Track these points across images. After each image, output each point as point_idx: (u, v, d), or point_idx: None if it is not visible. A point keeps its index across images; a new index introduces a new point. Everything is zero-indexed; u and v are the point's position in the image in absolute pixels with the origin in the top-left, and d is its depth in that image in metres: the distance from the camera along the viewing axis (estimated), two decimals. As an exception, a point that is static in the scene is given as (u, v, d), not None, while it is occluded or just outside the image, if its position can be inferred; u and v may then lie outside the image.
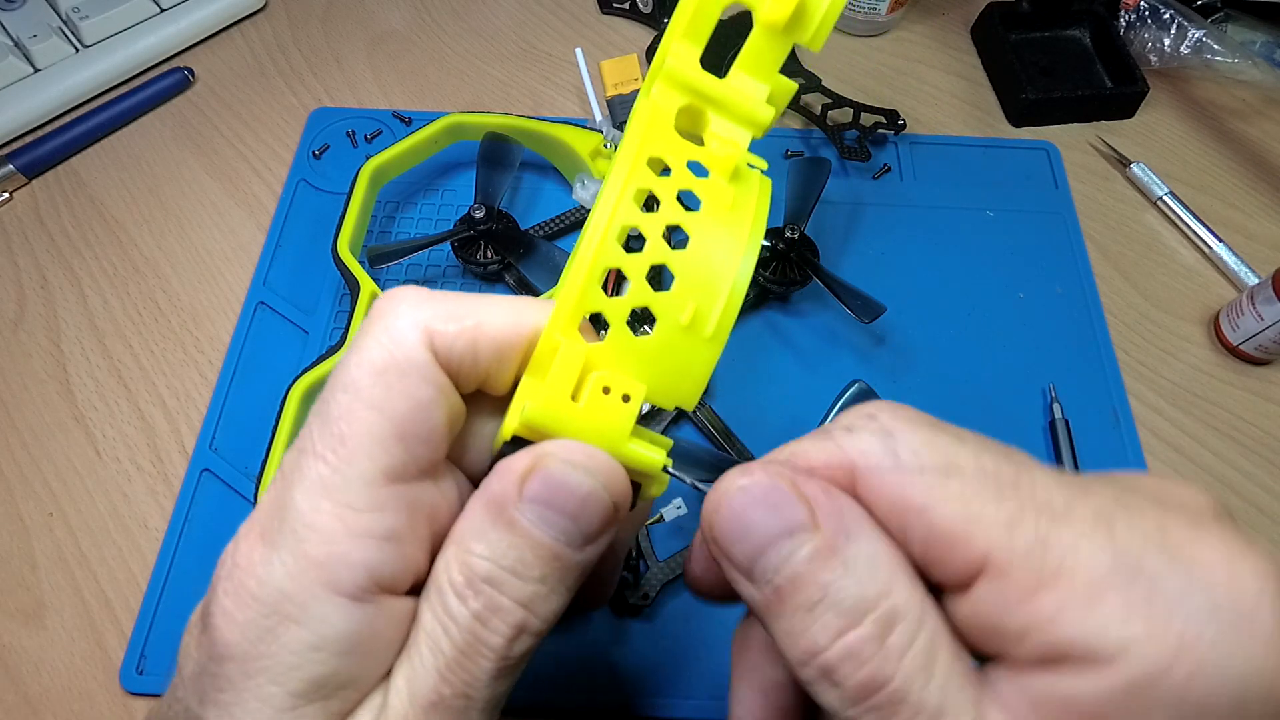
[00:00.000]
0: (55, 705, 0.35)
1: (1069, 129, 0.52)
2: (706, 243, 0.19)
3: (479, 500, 0.18)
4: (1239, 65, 0.52)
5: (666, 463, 0.20)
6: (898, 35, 0.57)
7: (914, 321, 0.44)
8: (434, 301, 0.19)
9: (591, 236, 0.18)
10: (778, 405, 0.41)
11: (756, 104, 0.21)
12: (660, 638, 0.36)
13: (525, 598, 0.18)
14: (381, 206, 0.47)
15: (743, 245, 0.19)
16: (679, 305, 0.18)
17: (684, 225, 0.19)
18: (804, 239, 0.42)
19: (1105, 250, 0.48)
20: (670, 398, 0.19)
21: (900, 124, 0.50)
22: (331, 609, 0.17)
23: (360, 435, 0.18)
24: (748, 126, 0.21)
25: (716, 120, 0.21)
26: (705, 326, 0.19)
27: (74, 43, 0.52)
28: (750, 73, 0.21)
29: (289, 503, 0.18)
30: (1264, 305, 0.41)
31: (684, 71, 0.21)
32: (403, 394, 0.18)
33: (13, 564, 0.38)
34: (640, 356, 0.19)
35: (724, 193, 0.19)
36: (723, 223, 0.19)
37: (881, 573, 0.16)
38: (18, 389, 0.42)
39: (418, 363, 0.18)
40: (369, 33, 0.56)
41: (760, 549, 0.17)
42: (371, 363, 0.18)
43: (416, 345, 0.18)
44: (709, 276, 0.18)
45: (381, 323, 0.19)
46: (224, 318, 0.45)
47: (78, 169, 0.50)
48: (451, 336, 0.19)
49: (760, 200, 0.20)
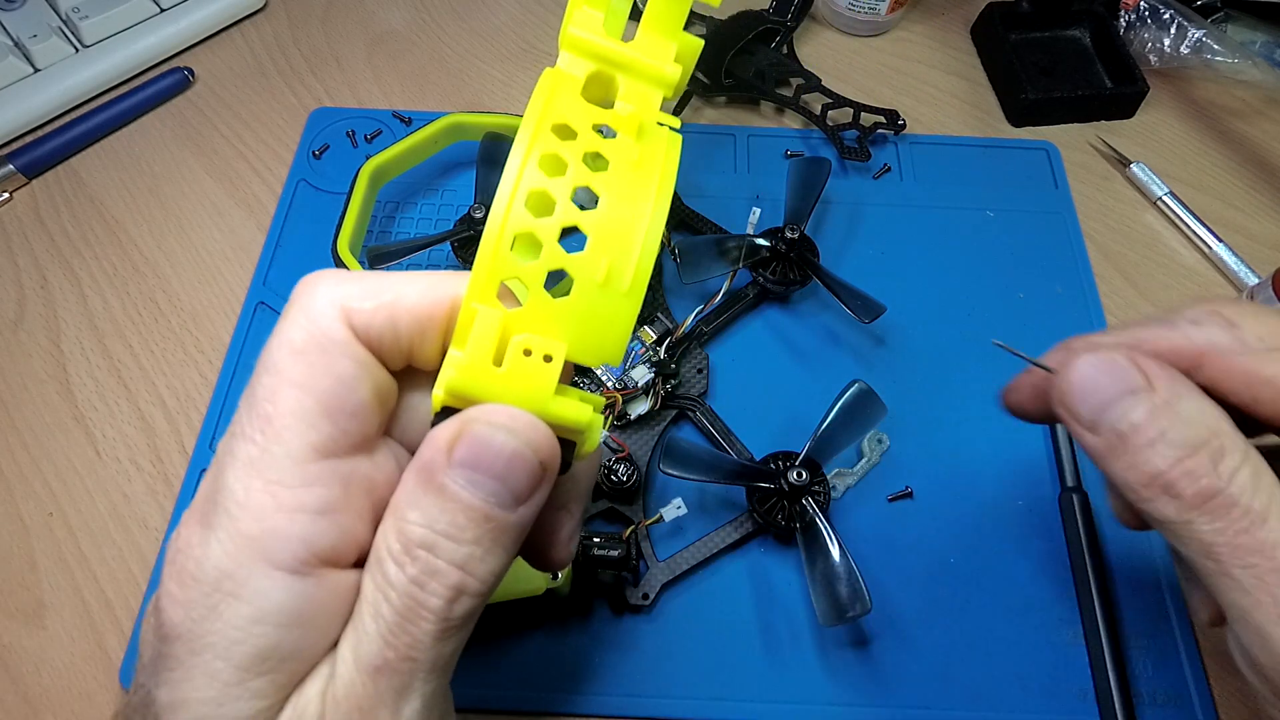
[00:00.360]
0: (55, 705, 0.35)
1: (1069, 129, 0.52)
2: (615, 201, 0.19)
3: (411, 470, 0.19)
4: (1239, 65, 0.52)
5: (596, 418, 0.20)
6: (898, 35, 0.57)
7: (914, 321, 0.44)
8: (352, 281, 0.20)
9: (498, 204, 0.19)
10: (778, 405, 0.41)
11: (664, 63, 0.21)
12: (660, 638, 0.36)
13: (460, 560, 0.18)
14: (381, 206, 0.47)
15: (651, 199, 0.19)
16: (593, 264, 0.19)
17: (591, 186, 0.19)
18: (804, 239, 0.42)
19: (1105, 250, 0.48)
20: (595, 355, 0.20)
21: (900, 124, 0.50)
22: (270, 583, 0.18)
23: (285, 414, 0.18)
24: (658, 86, 0.21)
25: (626, 83, 0.21)
26: (621, 282, 0.19)
27: (74, 43, 0.52)
28: (656, 32, 0.21)
29: (222, 485, 0.18)
30: (1264, 305, 0.41)
31: (587, 38, 0.21)
32: (324, 370, 0.19)
33: (13, 564, 0.38)
34: (560, 317, 0.19)
35: (629, 150, 0.20)
36: (630, 180, 0.19)
37: (1209, 421, 0.21)
38: (18, 389, 0.42)
39: (337, 339, 0.19)
40: (369, 33, 0.56)
41: (1105, 405, 0.22)
42: (291, 342, 0.19)
43: (334, 322, 0.19)
44: (620, 233, 0.19)
45: (299, 304, 0.19)
46: (224, 318, 0.45)
47: (78, 169, 0.50)
48: (369, 313, 0.19)
49: (668, 154, 0.20)
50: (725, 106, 0.53)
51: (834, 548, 0.34)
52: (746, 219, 0.45)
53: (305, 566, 0.18)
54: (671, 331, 0.41)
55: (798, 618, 0.36)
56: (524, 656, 0.35)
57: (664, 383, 0.40)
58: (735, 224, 0.46)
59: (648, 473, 0.39)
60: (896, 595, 0.37)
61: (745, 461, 0.38)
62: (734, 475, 0.37)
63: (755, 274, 0.43)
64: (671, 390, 0.40)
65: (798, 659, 0.36)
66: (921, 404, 0.41)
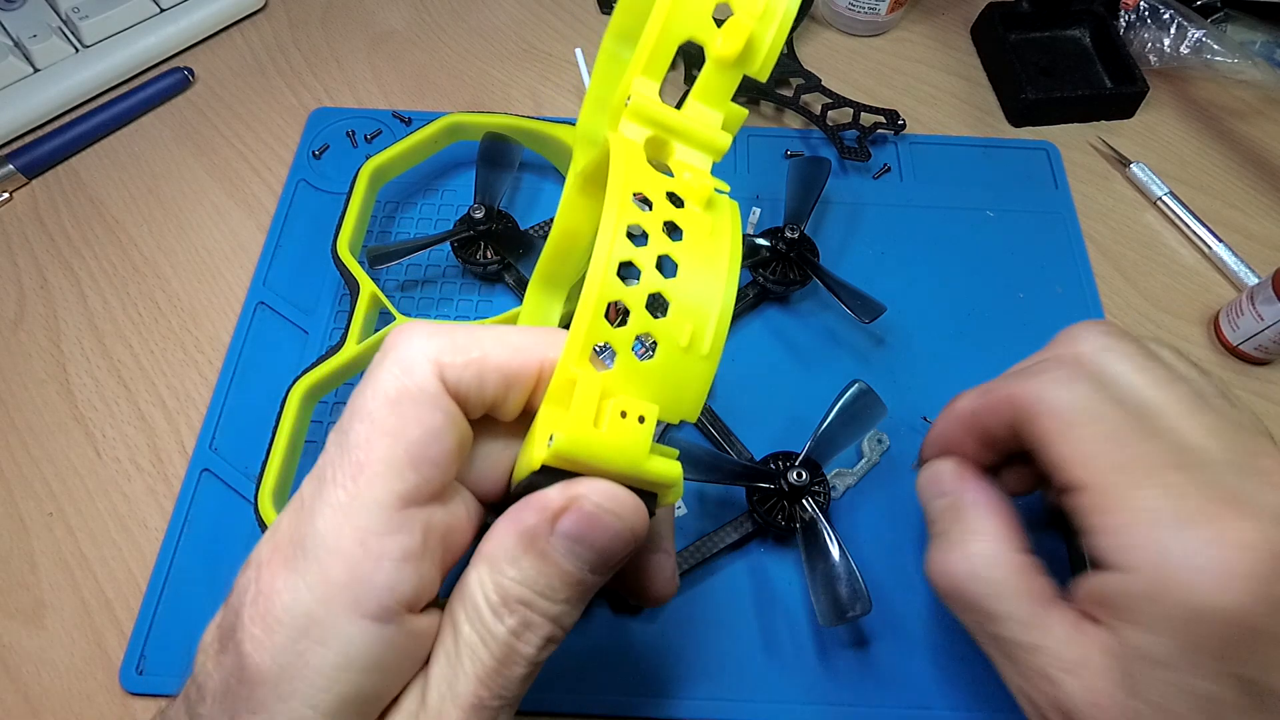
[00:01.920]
0: (55, 705, 0.35)
1: (1069, 129, 0.52)
2: (694, 269, 0.20)
3: (511, 527, 0.20)
4: (1239, 65, 0.52)
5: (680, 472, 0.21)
6: (898, 35, 0.57)
7: (914, 321, 0.44)
8: (443, 334, 0.21)
9: (593, 274, 0.20)
10: (778, 405, 0.41)
11: (715, 132, 0.23)
12: (660, 638, 0.36)
13: (554, 615, 0.20)
14: (381, 206, 0.47)
15: (725, 268, 0.21)
16: (677, 329, 0.20)
17: (672, 255, 0.20)
18: (804, 239, 0.42)
19: (1105, 250, 0.48)
20: (676, 412, 0.21)
21: (900, 124, 0.50)
22: (356, 630, 0.19)
23: (377, 462, 0.19)
24: (708, 153, 0.23)
25: (680, 148, 0.23)
26: (702, 346, 0.20)
27: (74, 43, 0.52)
28: (706, 102, 0.23)
29: (311, 529, 0.19)
30: (1264, 305, 0.41)
31: (649, 107, 0.23)
32: (415, 421, 0.19)
33: (13, 564, 0.38)
34: (647, 378, 0.20)
35: (702, 221, 0.21)
36: (705, 249, 0.21)
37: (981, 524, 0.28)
38: (18, 389, 0.42)
39: (429, 392, 0.20)
40: (369, 33, 0.56)
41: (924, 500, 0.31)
42: (386, 393, 0.20)
43: (427, 375, 0.20)
44: (700, 300, 0.20)
45: (394, 354, 0.20)
46: (224, 318, 0.45)
47: (78, 169, 0.50)
48: (460, 368, 0.20)
49: (734, 224, 0.22)
50: (725, 106, 0.53)
51: (834, 548, 0.34)
52: (746, 219, 0.45)
53: (389, 613, 0.19)
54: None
55: (798, 618, 0.36)
56: (524, 656, 0.35)
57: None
58: (735, 224, 0.46)
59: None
60: (896, 595, 0.37)
61: (745, 462, 0.38)
62: (734, 475, 0.37)
63: (755, 274, 0.43)
64: (671, 390, 0.40)
65: (798, 659, 0.36)
66: (922, 404, 0.41)
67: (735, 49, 0.22)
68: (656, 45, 0.23)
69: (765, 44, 0.23)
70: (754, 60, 0.23)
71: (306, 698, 0.18)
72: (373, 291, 0.40)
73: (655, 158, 0.23)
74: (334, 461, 0.20)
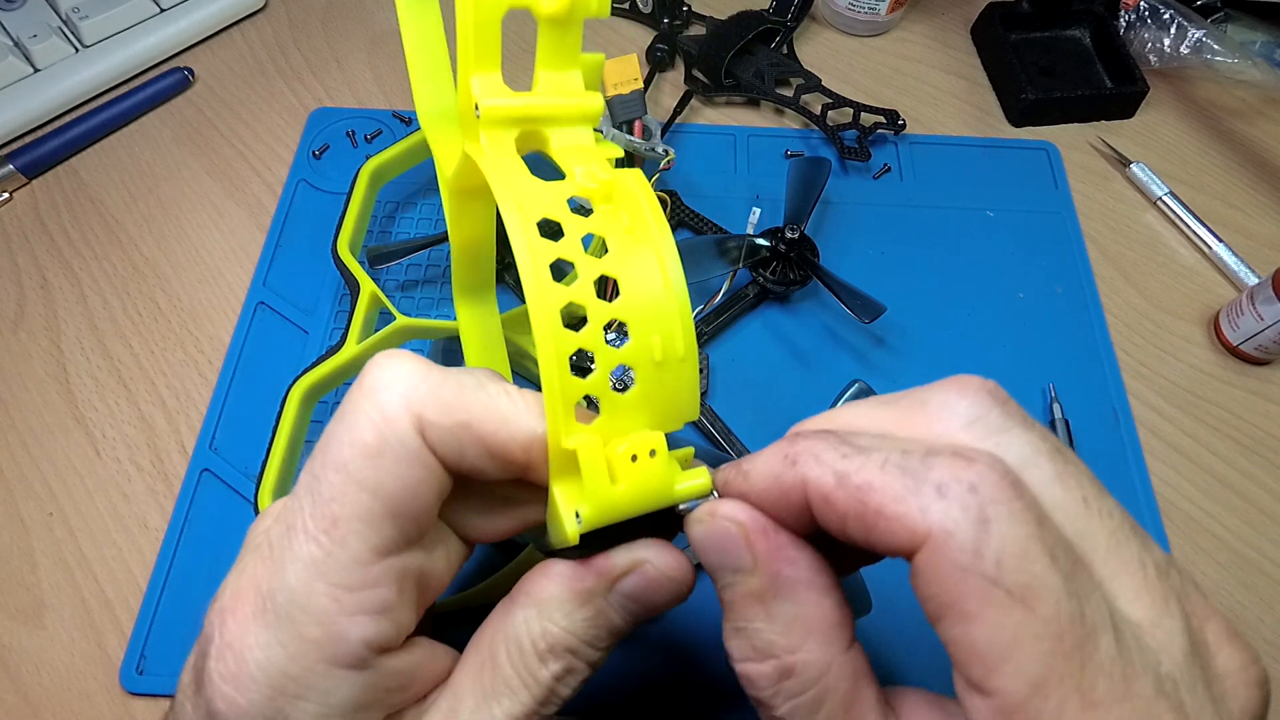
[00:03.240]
0: (55, 705, 0.35)
1: (1069, 129, 0.52)
2: (631, 276, 0.19)
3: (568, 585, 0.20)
4: (1239, 65, 0.52)
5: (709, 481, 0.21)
6: (898, 35, 0.57)
7: (914, 321, 0.44)
8: (428, 384, 0.19)
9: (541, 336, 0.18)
10: (778, 405, 0.41)
11: (580, 99, 0.21)
12: (660, 640, 0.36)
13: (594, 661, 0.21)
14: (381, 206, 0.47)
15: (660, 257, 0.19)
16: (645, 346, 0.19)
17: (605, 272, 0.19)
18: (804, 239, 0.42)
19: (1105, 250, 0.48)
20: (678, 420, 0.20)
21: (900, 124, 0.50)
22: (334, 681, 0.19)
23: (352, 518, 0.18)
24: (584, 123, 0.21)
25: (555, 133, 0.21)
26: (676, 350, 0.19)
27: (74, 43, 0.52)
28: (556, 68, 0.21)
29: (281, 583, 0.18)
30: (1264, 305, 0.41)
31: (502, 108, 0.20)
32: (394, 475, 0.19)
33: (13, 564, 0.38)
34: (638, 407, 0.19)
35: (617, 218, 0.19)
36: (631, 247, 0.19)
37: (796, 633, 0.19)
38: (18, 389, 0.42)
39: (409, 446, 0.19)
40: (369, 33, 0.56)
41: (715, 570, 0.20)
42: (364, 444, 0.19)
43: (408, 430, 0.19)
44: (652, 305, 0.19)
45: (374, 398, 0.19)
46: (224, 318, 0.45)
47: (78, 169, 0.50)
48: (442, 430, 0.19)
49: (646, 197, 0.20)
50: (725, 106, 0.53)
51: (834, 548, 0.34)
52: (746, 219, 0.45)
53: (367, 661, 0.19)
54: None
55: (798, 618, 0.36)
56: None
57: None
58: (735, 224, 0.46)
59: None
60: (896, 595, 0.37)
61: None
62: (734, 475, 0.37)
63: (755, 274, 0.43)
64: (671, 390, 0.40)
65: (798, 659, 0.36)
66: (921, 404, 0.41)
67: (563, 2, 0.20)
68: (478, 31, 0.20)
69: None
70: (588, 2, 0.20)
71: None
72: (373, 291, 0.40)
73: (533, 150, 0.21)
74: (306, 510, 0.19)
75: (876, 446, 0.18)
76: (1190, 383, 0.44)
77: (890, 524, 0.16)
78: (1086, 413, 0.42)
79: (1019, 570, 0.16)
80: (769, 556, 0.19)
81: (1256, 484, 0.41)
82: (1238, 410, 0.43)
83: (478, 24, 0.20)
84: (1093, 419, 0.42)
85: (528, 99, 0.21)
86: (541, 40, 0.21)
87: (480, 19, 0.20)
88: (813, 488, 0.18)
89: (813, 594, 0.19)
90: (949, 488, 0.16)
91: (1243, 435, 0.42)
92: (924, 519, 0.16)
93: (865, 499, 0.17)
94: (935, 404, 0.19)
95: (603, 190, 0.20)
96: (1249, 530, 0.40)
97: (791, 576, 0.19)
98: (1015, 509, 0.16)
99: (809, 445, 0.18)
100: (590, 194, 0.20)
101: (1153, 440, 0.42)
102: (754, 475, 0.19)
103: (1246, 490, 0.41)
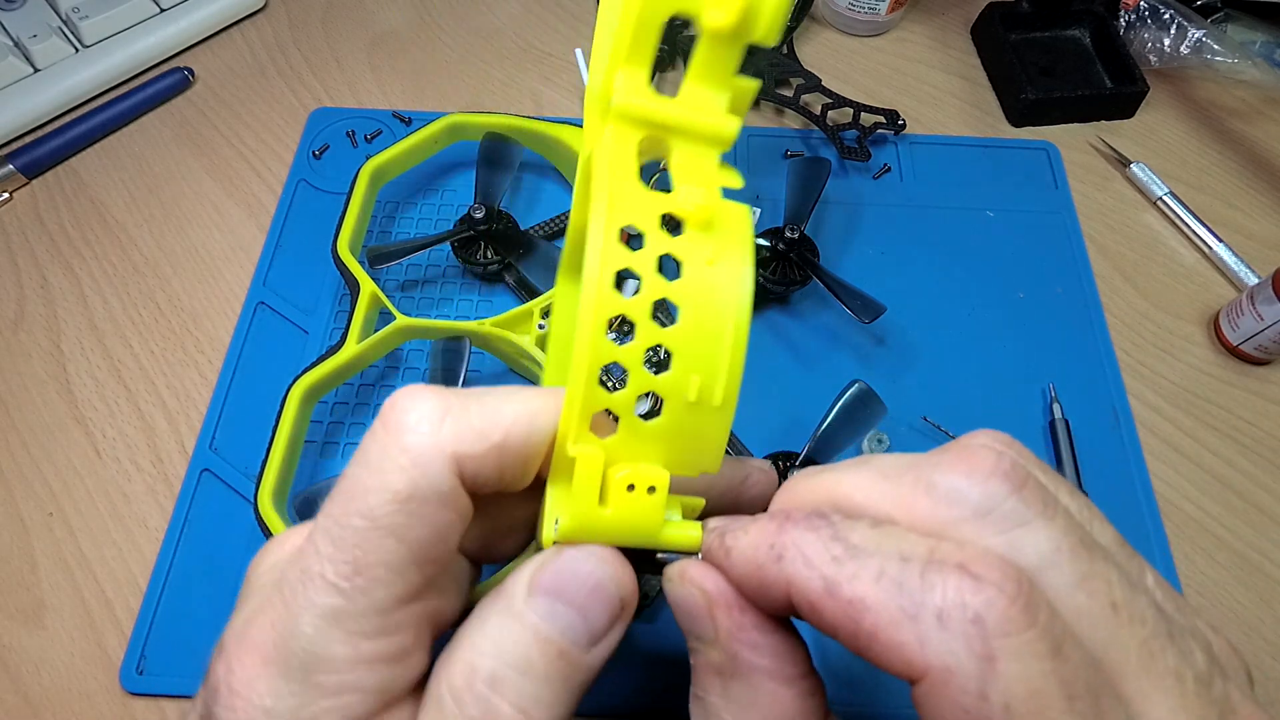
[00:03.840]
0: (55, 705, 0.35)
1: (1069, 129, 0.52)
2: (695, 310, 0.18)
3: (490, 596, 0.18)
4: (1239, 65, 0.52)
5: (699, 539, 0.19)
6: (898, 35, 0.57)
7: (914, 321, 0.44)
8: (459, 415, 0.18)
9: (581, 339, 0.17)
10: (778, 405, 0.41)
11: (718, 119, 0.20)
12: (660, 638, 0.36)
13: (525, 701, 0.17)
14: (381, 206, 0.47)
15: (733, 300, 0.18)
16: (683, 383, 0.18)
17: (669, 297, 0.18)
18: (804, 239, 0.42)
19: (1105, 250, 0.48)
20: (692, 468, 0.19)
21: (900, 124, 0.50)
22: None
23: (377, 565, 0.17)
24: (713, 145, 0.20)
25: (680, 146, 0.20)
26: (713, 398, 0.18)
27: (74, 43, 0.52)
28: (706, 85, 0.20)
29: (295, 629, 0.17)
30: (1264, 305, 0.41)
31: (635, 105, 0.19)
32: (424, 521, 0.17)
33: (13, 564, 0.38)
34: (655, 440, 0.18)
35: (702, 249, 0.18)
36: (707, 283, 0.18)
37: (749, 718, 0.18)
38: (18, 389, 0.42)
39: (442, 491, 0.18)
40: (369, 33, 0.56)
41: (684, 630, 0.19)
42: (395, 491, 0.17)
43: (442, 473, 0.17)
44: (706, 345, 0.18)
45: (400, 443, 0.18)
46: (224, 318, 0.45)
47: (78, 169, 0.50)
48: (480, 458, 0.18)
49: (742, 238, 0.19)
50: (725, 106, 0.53)
51: (834, 548, 0.34)
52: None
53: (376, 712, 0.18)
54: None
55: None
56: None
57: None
58: (735, 224, 0.46)
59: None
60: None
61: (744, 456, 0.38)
62: (734, 475, 0.37)
63: (755, 274, 0.43)
64: (671, 390, 0.40)
65: (798, 659, 0.36)
66: (921, 405, 0.41)
67: (731, 16, 0.18)
68: (636, 28, 0.19)
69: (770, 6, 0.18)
70: (756, 24, 0.19)
71: None
72: (373, 291, 0.40)
73: (653, 155, 0.20)
74: (325, 555, 0.17)
75: (873, 548, 0.16)
76: (1190, 383, 0.44)
77: (886, 651, 0.15)
78: (1086, 413, 0.42)
79: (1030, 716, 0.14)
80: (729, 636, 0.18)
81: (1256, 484, 0.41)
82: (1238, 410, 0.43)
83: (640, 20, 0.19)
84: (1093, 419, 0.42)
85: (662, 104, 0.20)
86: (698, 52, 0.19)
87: (644, 16, 0.19)
88: (798, 591, 0.16)
89: (772, 684, 0.18)
90: (950, 617, 0.14)
91: (1243, 435, 0.42)
92: (922, 653, 0.14)
93: (858, 618, 0.15)
94: (943, 489, 0.17)
95: (699, 215, 0.18)
96: (1249, 530, 0.40)
97: (750, 662, 0.18)
98: (1026, 641, 0.14)
99: (797, 539, 0.17)
100: (686, 215, 0.18)
101: (1153, 440, 0.42)
102: (735, 555, 0.18)
103: (1246, 490, 0.41)
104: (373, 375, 0.42)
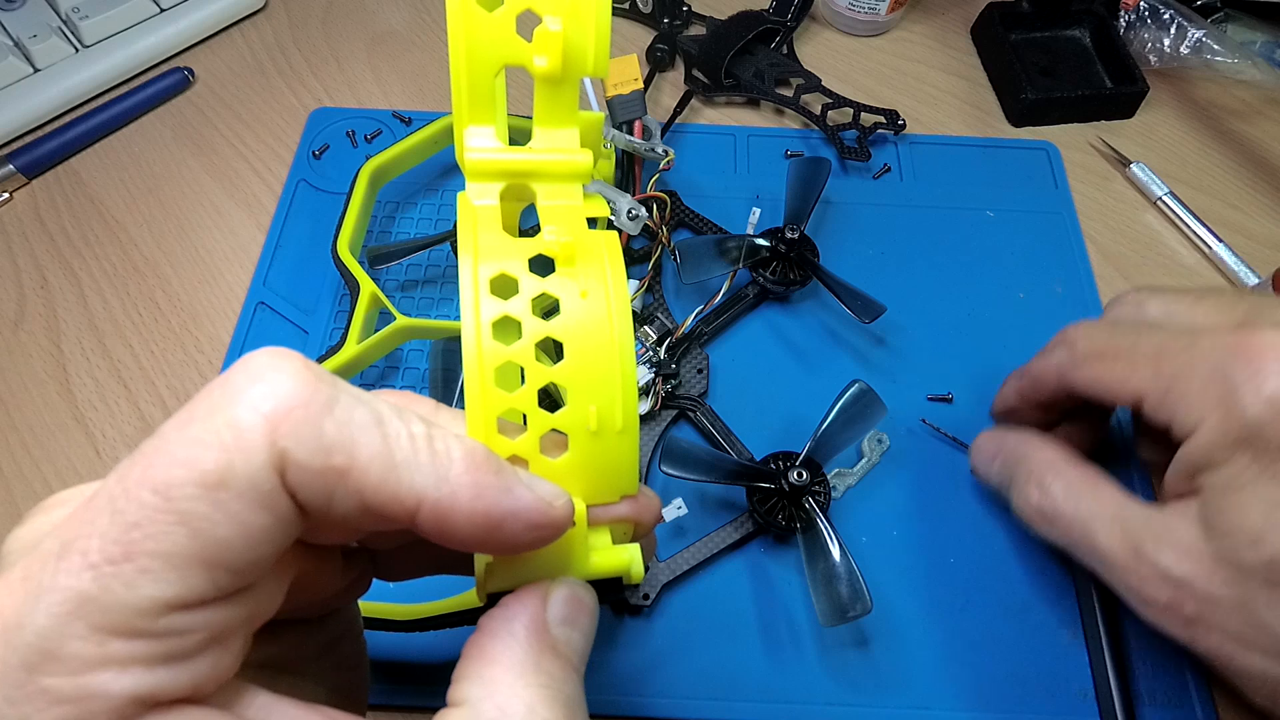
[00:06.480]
0: (55, 705, 0.35)
1: (1069, 129, 0.52)
2: (578, 344, 0.18)
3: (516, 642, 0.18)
4: (1239, 65, 0.52)
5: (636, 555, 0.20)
6: (898, 35, 0.57)
7: (914, 321, 0.44)
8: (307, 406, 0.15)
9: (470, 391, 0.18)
10: (778, 405, 0.41)
11: (571, 156, 0.21)
12: (661, 638, 0.36)
13: None
14: (381, 206, 0.47)
15: (612, 326, 0.19)
16: (582, 415, 0.18)
17: (552, 335, 0.18)
18: (804, 239, 0.42)
19: (1105, 250, 0.48)
20: (610, 494, 0.19)
21: (900, 124, 0.50)
22: None
23: (153, 555, 0.14)
24: (572, 179, 0.21)
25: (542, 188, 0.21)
26: (614, 423, 0.19)
27: (74, 43, 0.52)
28: (552, 125, 0.21)
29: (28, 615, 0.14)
30: (1264, 305, 0.41)
31: (488, 160, 0.20)
32: (231, 519, 0.15)
33: (13, 564, 0.38)
34: (566, 474, 0.19)
35: (573, 283, 0.19)
36: (584, 316, 0.19)
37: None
38: (18, 389, 0.42)
39: (260, 488, 0.15)
40: (369, 33, 0.56)
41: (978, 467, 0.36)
42: (203, 471, 0.14)
43: (262, 466, 0.15)
44: (595, 375, 0.18)
45: (229, 411, 0.15)
46: (224, 318, 0.45)
47: (78, 169, 0.50)
48: (309, 473, 0.15)
49: (611, 263, 0.19)
50: (725, 106, 0.53)
51: (834, 548, 0.34)
52: (746, 219, 0.45)
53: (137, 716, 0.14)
54: (671, 332, 0.41)
55: (798, 618, 0.36)
56: (524, 656, 0.35)
57: (664, 383, 0.40)
58: (735, 224, 0.46)
59: (648, 473, 0.39)
60: (896, 595, 0.37)
61: (745, 462, 0.38)
62: (734, 475, 0.37)
63: (755, 274, 0.43)
64: (671, 391, 0.40)
65: (798, 659, 0.36)
66: (921, 405, 0.41)
67: (556, 62, 0.19)
68: (470, 88, 0.20)
69: (590, 41, 0.19)
70: (584, 60, 0.20)
71: None
72: (373, 291, 0.40)
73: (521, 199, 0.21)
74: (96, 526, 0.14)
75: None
76: (1190, 383, 0.43)
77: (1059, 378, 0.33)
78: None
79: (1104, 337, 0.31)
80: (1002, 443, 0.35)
81: (1256, 484, 0.41)
82: (1238, 410, 0.43)
83: (470, 80, 0.20)
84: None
85: (514, 153, 0.21)
86: (538, 98, 0.21)
87: (473, 75, 0.20)
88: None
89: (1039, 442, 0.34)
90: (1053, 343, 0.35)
91: (1243, 435, 0.42)
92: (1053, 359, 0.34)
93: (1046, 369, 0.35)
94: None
95: (564, 251, 0.19)
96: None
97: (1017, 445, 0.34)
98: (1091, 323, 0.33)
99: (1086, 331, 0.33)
100: (553, 254, 0.19)
101: (1153, 440, 0.42)
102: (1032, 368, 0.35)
103: (1246, 490, 0.41)
104: (373, 375, 0.42)
